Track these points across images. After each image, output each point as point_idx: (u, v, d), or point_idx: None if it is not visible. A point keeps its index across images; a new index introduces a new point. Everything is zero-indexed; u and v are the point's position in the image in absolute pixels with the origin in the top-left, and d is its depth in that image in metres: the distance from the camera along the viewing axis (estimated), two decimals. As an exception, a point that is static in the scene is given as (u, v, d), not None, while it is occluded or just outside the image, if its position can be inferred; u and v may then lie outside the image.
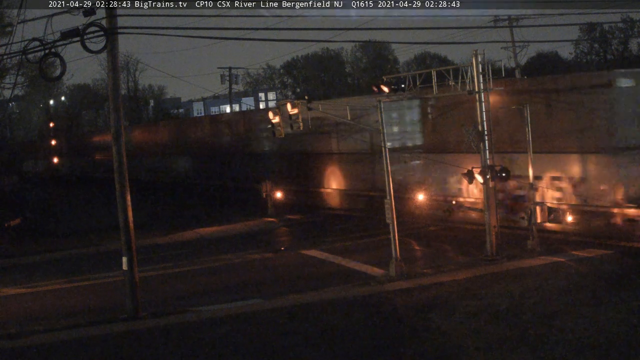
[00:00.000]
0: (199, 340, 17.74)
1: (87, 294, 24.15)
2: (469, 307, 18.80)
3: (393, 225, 23.12)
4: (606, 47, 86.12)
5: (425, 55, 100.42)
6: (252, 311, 20.33)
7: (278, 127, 25.52)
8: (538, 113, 27.56)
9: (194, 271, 26.80)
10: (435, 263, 24.79)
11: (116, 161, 20.21)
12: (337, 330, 17.89)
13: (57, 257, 31.62)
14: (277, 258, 28.58)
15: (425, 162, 33.91)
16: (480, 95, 24.83)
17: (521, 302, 19.04)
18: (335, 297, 21.18)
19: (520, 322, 17.23)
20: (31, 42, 18.64)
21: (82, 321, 20.06)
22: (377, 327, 18.01)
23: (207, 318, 19.84)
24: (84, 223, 40.86)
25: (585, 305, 18.28)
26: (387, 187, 23.45)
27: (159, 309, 20.82)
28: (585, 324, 16.72)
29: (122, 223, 20.22)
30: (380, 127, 23.80)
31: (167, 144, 61.86)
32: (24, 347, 17.97)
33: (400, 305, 19.94)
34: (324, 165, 41.45)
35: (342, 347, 16.59)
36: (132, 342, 18.16)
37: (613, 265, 22.59)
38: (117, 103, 20.34)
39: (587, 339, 15.64)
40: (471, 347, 15.76)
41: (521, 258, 24.23)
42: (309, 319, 19.16)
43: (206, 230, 36.17)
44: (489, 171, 24.42)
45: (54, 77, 24.22)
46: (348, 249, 28.66)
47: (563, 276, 21.55)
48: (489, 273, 22.66)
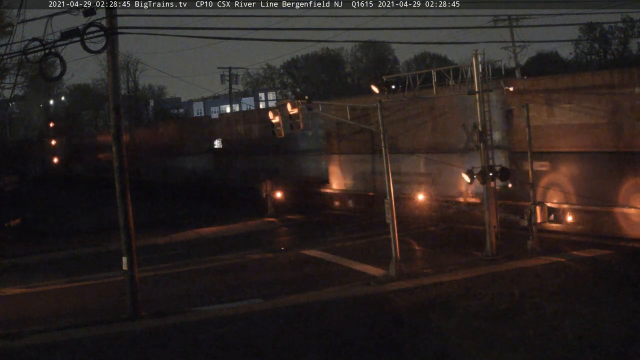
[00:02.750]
0: (199, 340, 17.74)
1: (87, 294, 24.15)
2: (469, 307, 18.80)
3: (393, 225, 23.11)
4: (606, 47, 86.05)
5: (425, 55, 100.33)
6: (252, 311, 20.33)
7: (278, 127, 25.54)
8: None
9: (194, 271, 26.79)
10: (435, 263, 24.79)
11: (116, 161, 20.20)
12: (337, 330, 17.89)
13: (57, 257, 31.61)
14: (277, 258, 28.57)
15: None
16: (481, 95, 24.85)
17: (521, 302, 19.04)
18: (335, 297, 21.18)
19: (520, 322, 17.22)
20: (31, 42, 18.62)
21: (82, 321, 20.05)
22: (377, 327, 18.00)
23: (207, 318, 19.84)
24: (84, 223, 40.85)
25: (585, 305, 18.27)
26: (387, 187, 23.44)
27: (159, 309, 20.80)
28: (585, 324, 16.72)
29: (122, 223, 20.21)
30: (381, 127, 23.80)
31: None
32: (24, 347, 17.97)
33: (400, 305, 19.94)
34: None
35: (342, 347, 16.58)
36: (132, 342, 18.16)
37: (613, 265, 22.60)
38: (117, 103, 20.33)
39: (587, 339, 15.64)
40: (471, 347, 15.76)
41: (521, 258, 24.23)
42: (309, 319, 19.16)
43: (206, 230, 36.17)
44: (489, 171, 24.45)
45: (54, 77, 24.21)
46: (348, 249, 28.65)
47: (563, 276, 21.55)
48: (489, 273, 22.66)
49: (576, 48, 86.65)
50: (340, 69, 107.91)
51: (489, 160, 25.05)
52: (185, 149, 58.52)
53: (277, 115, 25.16)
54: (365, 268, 24.75)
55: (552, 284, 20.73)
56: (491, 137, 25.31)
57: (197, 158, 56.83)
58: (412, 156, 34.59)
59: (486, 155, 24.94)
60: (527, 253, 24.76)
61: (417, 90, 26.48)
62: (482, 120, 24.92)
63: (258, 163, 47.54)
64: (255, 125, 48.86)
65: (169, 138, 62.54)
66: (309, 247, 29.76)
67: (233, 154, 51.68)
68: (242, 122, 52.23)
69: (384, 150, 23.54)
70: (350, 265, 25.46)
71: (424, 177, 34.48)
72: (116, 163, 20.23)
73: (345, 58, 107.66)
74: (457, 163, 29.87)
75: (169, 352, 17.16)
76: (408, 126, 34.86)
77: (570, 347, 15.22)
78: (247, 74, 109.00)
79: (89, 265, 28.79)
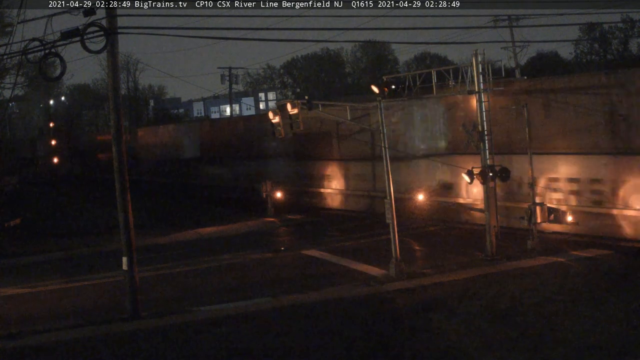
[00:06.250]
0: (199, 340, 17.75)
1: (87, 294, 24.14)
2: (469, 307, 18.81)
3: (393, 225, 23.11)
4: (606, 47, 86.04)
5: (425, 55, 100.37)
6: (252, 311, 20.33)
7: (278, 127, 25.55)
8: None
9: (194, 271, 26.79)
10: (435, 263, 24.79)
11: (116, 161, 20.21)
12: (337, 330, 17.90)
13: (57, 257, 31.59)
14: (277, 258, 28.56)
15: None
16: (480, 95, 24.84)
17: (521, 302, 19.05)
18: (336, 297, 21.18)
19: (520, 322, 17.24)
20: (31, 42, 18.62)
21: (82, 321, 20.04)
22: (377, 327, 18.01)
23: (207, 318, 19.84)
24: (84, 223, 40.83)
25: (585, 305, 18.29)
26: (387, 187, 23.44)
27: (159, 309, 20.81)
28: (585, 323, 16.73)
29: (122, 223, 20.22)
30: (381, 127, 23.80)
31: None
32: (24, 347, 17.97)
33: (400, 305, 19.95)
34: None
35: (342, 347, 16.59)
36: (132, 342, 18.16)
37: (613, 265, 22.61)
38: (117, 103, 20.34)
39: (587, 339, 15.65)
40: (471, 347, 15.77)
41: (521, 258, 24.24)
42: (309, 319, 19.16)
43: (206, 230, 36.16)
44: (489, 171, 24.44)
45: (54, 77, 24.17)
46: (348, 249, 28.65)
47: (563, 276, 21.55)
48: (489, 273, 22.67)
49: (576, 48, 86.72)
50: (340, 69, 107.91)
51: (486, 160, 25.02)
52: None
53: (277, 116, 25.17)
54: (365, 268, 24.75)
55: (552, 284, 20.74)
56: (491, 137, 25.27)
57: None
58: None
59: (486, 155, 24.94)
60: (527, 253, 24.77)
61: (416, 90, 26.49)
62: (482, 120, 24.91)
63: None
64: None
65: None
66: (309, 247, 29.77)
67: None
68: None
69: (384, 150, 23.54)
70: (351, 265, 25.46)
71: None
72: (116, 163, 20.23)
73: (345, 58, 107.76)
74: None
75: (168, 352, 17.17)
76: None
77: (570, 347, 15.22)
78: (247, 74, 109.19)
79: (89, 265, 28.78)
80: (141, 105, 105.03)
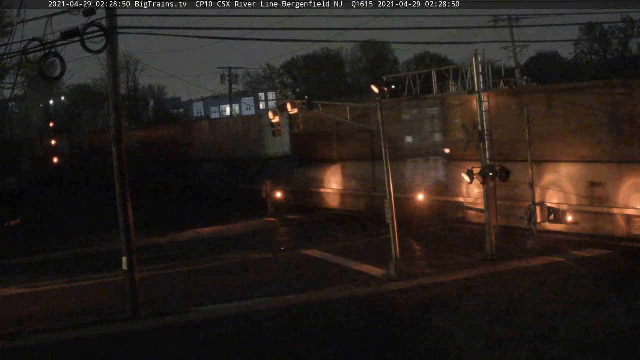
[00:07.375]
0: (199, 340, 17.74)
1: (87, 294, 24.15)
2: (469, 307, 18.82)
3: (393, 225, 23.11)
4: (606, 47, 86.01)
5: (425, 55, 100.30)
6: (252, 311, 20.33)
7: (278, 127, 25.55)
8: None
9: (194, 271, 26.79)
10: (435, 263, 24.79)
11: (116, 161, 20.20)
12: (337, 330, 17.89)
13: (57, 257, 31.59)
14: (277, 258, 28.57)
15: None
16: (480, 95, 24.85)
17: (521, 302, 19.05)
18: (336, 297, 21.17)
19: (520, 322, 17.23)
20: (31, 42, 18.61)
21: (82, 321, 20.03)
22: (377, 327, 18.01)
23: (207, 318, 19.84)
24: (84, 223, 40.84)
25: (585, 305, 18.29)
26: (387, 187, 23.45)
27: (159, 309, 20.81)
28: (585, 323, 16.72)
29: (122, 223, 20.21)
30: (381, 127, 23.80)
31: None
32: (24, 347, 17.97)
33: (400, 305, 19.95)
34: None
35: (342, 347, 16.58)
36: (132, 342, 18.15)
37: (613, 265, 22.60)
38: (117, 103, 20.33)
39: (587, 339, 15.64)
40: (471, 347, 15.77)
41: (521, 258, 24.23)
42: (309, 319, 19.15)
43: (206, 230, 36.15)
44: (489, 171, 24.43)
45: (54, 77, 24.18)
46: (348, 249, 28.65)
47: (563, 276, 21.55)
48: (489, 273, 22.66)
49: (576, 48, 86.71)
50: (340, 69, 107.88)
51: (486, 160, 25.03)
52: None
53: (277, 116, 25.18)
54: (365, 268, 24.75)
55: (552, 284, 20.74)
56: (491, 137, 25.26)
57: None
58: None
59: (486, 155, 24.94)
60: (527, 253, 24.77)
61: (416, 91, 26.49)
62: (482, 120, 24.92)
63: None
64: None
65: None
66: (309, 247, 29.77)
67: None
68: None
69: (384, 150, 23.55)
70: (350, 265, 25.46)
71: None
72: (116, 163, 20.22)
73: (345, 58, 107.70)
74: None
75: (168, 352, 17.16)
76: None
77: (570, 347, 15.22)
78: (247, 74, 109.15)
79: (89, 265, 28.78)
80: (141, 105, 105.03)
